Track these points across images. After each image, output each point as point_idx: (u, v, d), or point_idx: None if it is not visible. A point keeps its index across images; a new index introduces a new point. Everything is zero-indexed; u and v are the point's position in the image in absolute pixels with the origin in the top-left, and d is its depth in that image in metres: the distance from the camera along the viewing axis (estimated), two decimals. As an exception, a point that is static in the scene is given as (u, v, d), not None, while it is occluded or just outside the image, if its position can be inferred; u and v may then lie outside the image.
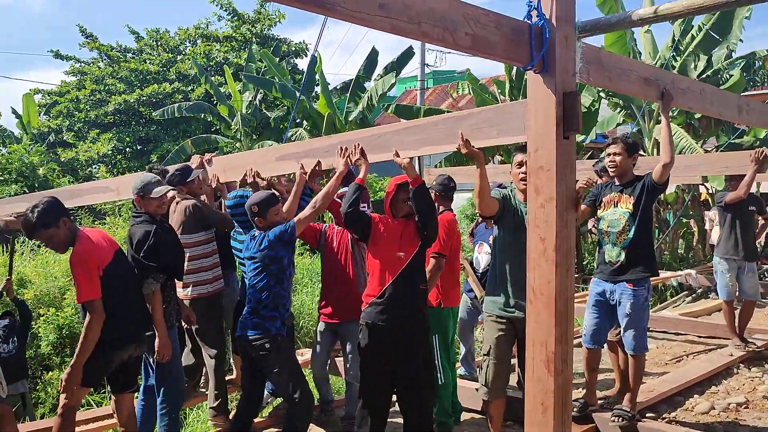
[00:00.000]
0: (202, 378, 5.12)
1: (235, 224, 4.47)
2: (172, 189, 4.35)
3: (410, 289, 3.88)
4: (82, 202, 7.18)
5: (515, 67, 12.51)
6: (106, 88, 21.44)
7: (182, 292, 4.62)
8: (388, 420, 4.07)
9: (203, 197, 4.79)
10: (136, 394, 4.22)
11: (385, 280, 3.88)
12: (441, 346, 4.51)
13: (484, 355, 4.02)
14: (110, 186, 5.84)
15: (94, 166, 19.60)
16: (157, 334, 3.97)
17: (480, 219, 5.29)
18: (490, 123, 3.40)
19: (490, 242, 4.40)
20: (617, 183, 4.46)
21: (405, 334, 3.87)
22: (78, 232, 3.70)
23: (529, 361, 3.10)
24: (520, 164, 3.85)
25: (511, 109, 3.34)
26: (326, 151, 4.25)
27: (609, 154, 4.42)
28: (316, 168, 4.30)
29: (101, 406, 5.61)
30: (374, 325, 3.88)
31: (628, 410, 4.39)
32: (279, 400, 4.99)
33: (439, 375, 4.44)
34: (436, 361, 4.45)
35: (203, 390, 5.10)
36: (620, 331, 4.54)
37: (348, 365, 4.64)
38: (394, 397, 4.16)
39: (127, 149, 20.99)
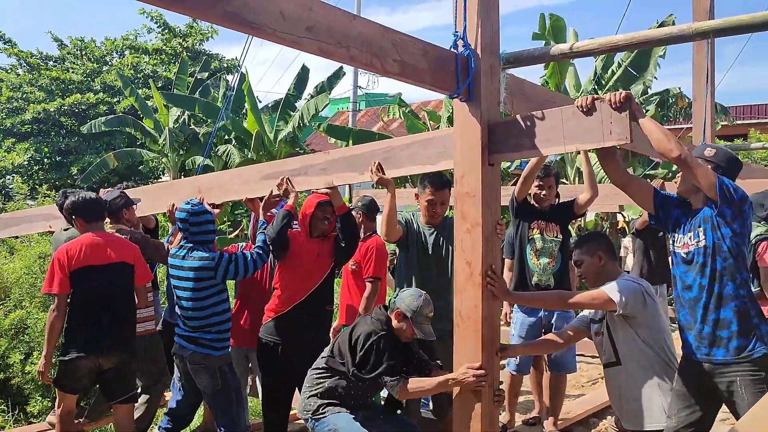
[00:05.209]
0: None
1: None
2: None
3: (316, 311, 3.92)
4: (19, 231, 6.23)
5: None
6: (24, 95, 20.47)
7: None
8: None
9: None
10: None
11: (294, 298, 3.87)
12: None
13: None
14: (54, 213, 5.00)
15: (8, 177, 18.59)
16: None
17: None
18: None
19: None
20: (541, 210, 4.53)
21: (302, 354, 3.80)
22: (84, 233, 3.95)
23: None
24: (431, 201, 3.93)
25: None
26: (323, 168, 3.85)
27: (542, 187, 4.43)
28: (271, 194, 4.01)
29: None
30: (273, 342, 3.88)
31: None
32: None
33: None
34: None
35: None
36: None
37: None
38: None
39: (45, 160, 20.02)
